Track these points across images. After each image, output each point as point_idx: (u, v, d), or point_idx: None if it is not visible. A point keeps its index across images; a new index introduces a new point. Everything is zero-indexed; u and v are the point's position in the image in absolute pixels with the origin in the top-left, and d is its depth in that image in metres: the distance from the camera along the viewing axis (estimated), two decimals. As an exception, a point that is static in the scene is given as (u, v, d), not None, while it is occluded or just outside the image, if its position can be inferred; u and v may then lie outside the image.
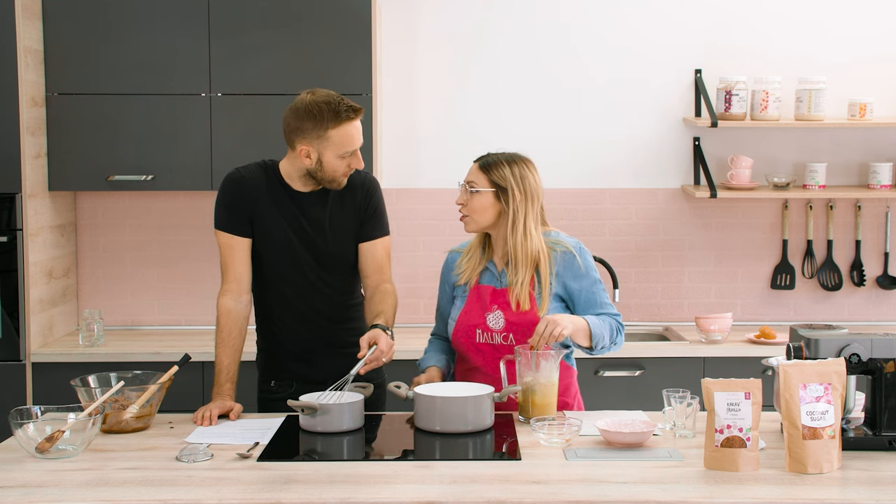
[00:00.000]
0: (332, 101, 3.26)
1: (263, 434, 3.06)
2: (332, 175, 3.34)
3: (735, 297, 5.05)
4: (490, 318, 3.33)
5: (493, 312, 3.33)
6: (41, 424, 2.92)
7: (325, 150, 3.29)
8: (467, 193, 3.34)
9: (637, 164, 5.01)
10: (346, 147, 3.29)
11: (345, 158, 3.31)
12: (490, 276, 3.38)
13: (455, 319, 3.38)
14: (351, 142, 3.29)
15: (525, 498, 2.53)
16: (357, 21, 4.54)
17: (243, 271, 3.42)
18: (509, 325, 3.31)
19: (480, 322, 3.34)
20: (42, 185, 4.55)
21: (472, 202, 3.33)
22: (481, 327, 3.34)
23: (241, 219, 3.40)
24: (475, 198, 3.32)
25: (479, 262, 3.39)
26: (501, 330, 3.32)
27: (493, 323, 3.33)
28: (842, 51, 4.95)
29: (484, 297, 3.36)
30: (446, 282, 3.48)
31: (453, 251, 3.51)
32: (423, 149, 5.00)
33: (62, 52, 4.54)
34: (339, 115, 3.25)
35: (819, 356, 2.86)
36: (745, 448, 2.71)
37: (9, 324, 4.40)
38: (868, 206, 5.00)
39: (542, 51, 4.98)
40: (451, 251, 3.52)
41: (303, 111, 3.27)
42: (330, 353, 3.46)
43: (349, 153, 3.30)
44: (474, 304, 3.37)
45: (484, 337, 3.34)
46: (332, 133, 3.26)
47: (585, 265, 3.35)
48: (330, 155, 3.29)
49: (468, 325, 3.35)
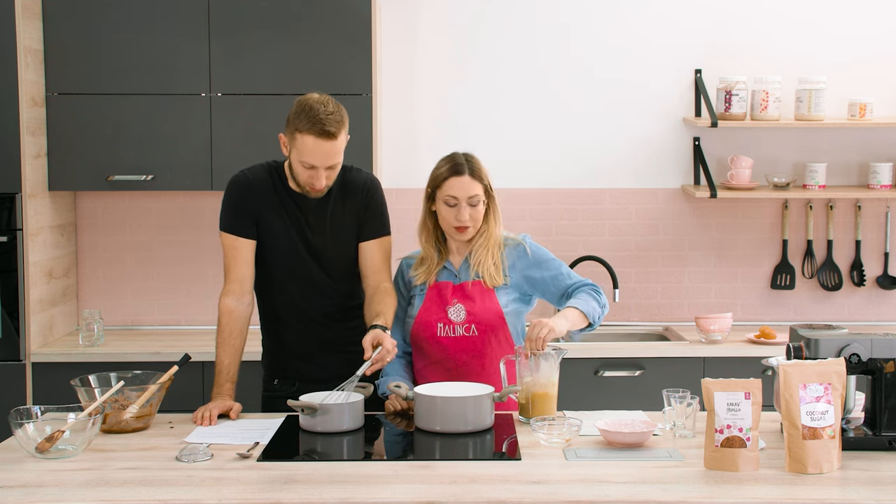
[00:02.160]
0: (317, 110, 3.21)
1: (263, 434, 3.07)
2: (297, 178, 3.33)
3: (735, 297, 5.05)
4: (451, 312, 3.39)
5: (454, 306, 3.39)
6: (41, 424, 2.92)
7: (292, 149, 3.29)
8: (470, 207, 3.35)
9: (637, 164, 5.01)
10: (305, 157, 3.24)
11: (305, 168, 3.27)
12: (448, 274, 3.45)
13: (414, 317, 3.43)
14: (309, 155, 3.23)
15: (525, 498, 2.53)
16: (357, 21, 4.54)
17: (246, 272, 3.42)
18: (471, 316, 3.36)
19: (441, 316, 3.39)
20: (42, 185, 4.55)
21: (476, 213, 3.37)
22: (442, 321, 3.38)
23: (247, 221, 3.40)
24: (478, 208, 3.37)
25: (436, 263, 3.45)
26: (463, 321, 3.37)
27: (454, 316, 3.38)
28: (842, 51, 4.95)
29: (444, 293, 3.42)
30: (403, 287, 3.51)
31: (407, 258, 3.57)
32: (422, 149, 5.00)
33: (62, 52, 4.54)
34: (310, 126, 3.20)
35: (819, 356, 2.86)
36: (745, 448, 2.71)
37: (9, 324, 4.40)
38: (868, 206, 5.00)
39: (541, 51, 4.98)
40: (404, 258, 3.58)
41: (295, 104, 3.28)
42: (332, 353, 3.47)
43: (308, 165, 3.26)
44: (434, 299, 3.42)
45: (445, 330, 3.38)
46: (298, 137, 3.24)
47: (537, 251, 3.45)
48: (294, 156, 3.29)
49: (428, 320, 3.40)
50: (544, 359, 3.18)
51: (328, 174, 3.29)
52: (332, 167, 3.29)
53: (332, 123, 3.21)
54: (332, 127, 3.21)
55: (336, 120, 3.22)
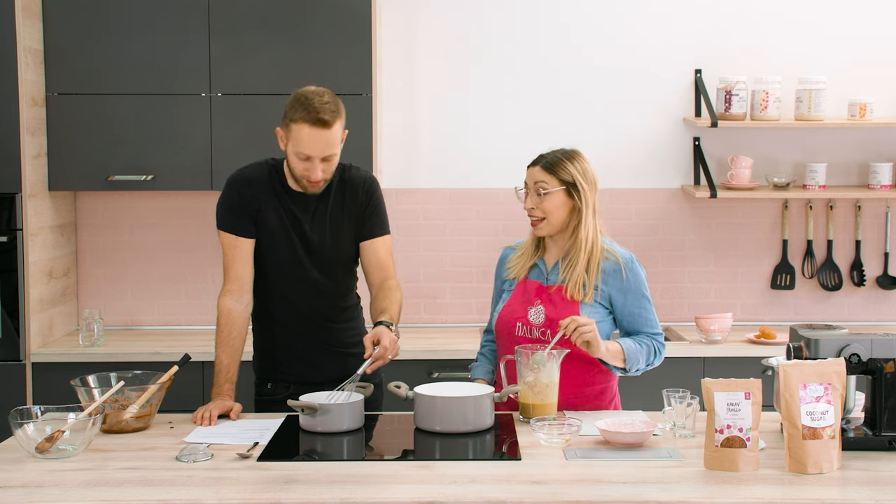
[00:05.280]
0: (312, 99, 3.21)
1: (263, 434, 3.06)
2: (293, 171, 3.32)
3: (735, 297, 5.05)
4: (532, 313, 3.35)
5: (536, 307, 3.35)
6: (41, 424, 2.92)
7: (288, 141, 3.28)
8: (536, 196, 3.33)
9: (637, 164, 5.01)
10: (299, 147, 3.23)
11: (301, 160, 3.26)
12: (538, 273, 3.40)
13: (498, 312, 3.41)
14: (303, 145, 3.23)
15: (525, 498, 2.53)
16: (357, 21, 4.54)
17: (245, 272, 3.41)
18: (548, 322, 3.32)
19: (522, 316, 3.35)
20: (42, 185, 4.55)
21: (545, 204, 3.33)
22: (522, 321, 3.35)
23: (245, 220, 3.40)
24: (547, 199, 3.33)
25: (529, 258, 3.42)
26: (541, 325, 3.33)
27: (533, 317, 3.34)
28: (842, 51, 4.95)
29: (529, 292, 3.38)
30: (498, 277, 3.51)
31: (508, 247, 3.54)
32: (422, 149, 5.00)
33: (62, 52, 4.54)
34: (305, 114, 3.20)
35: (819, 356, 2.86)
36: (745, 448, 2.71)
37: (9, 324, 4.40)
38: (868, 206, 5.00)
39: (541, 51, 4.98)
40: (505, 247, 3.55)
41: (291, 96, 3.28)
42: (328, 354, 3.46)
43: (304, 156, 3.25)
44: (519, 297, 3.39)
45: (523, 331, 3.34)
46: (293, 127, 3.23)
47: (633, 280, 3.35)
48: (290, 148, 3.28)
49: (510, 318, 3.37)
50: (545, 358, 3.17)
51: (324, 167, 3.27)
52: (327, 159, 3.26)
53: (327, 112, 3.20)
54: (327, 115, 3.19)
55: (331, 109, 3.21)
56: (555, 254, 3.40)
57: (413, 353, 4.38)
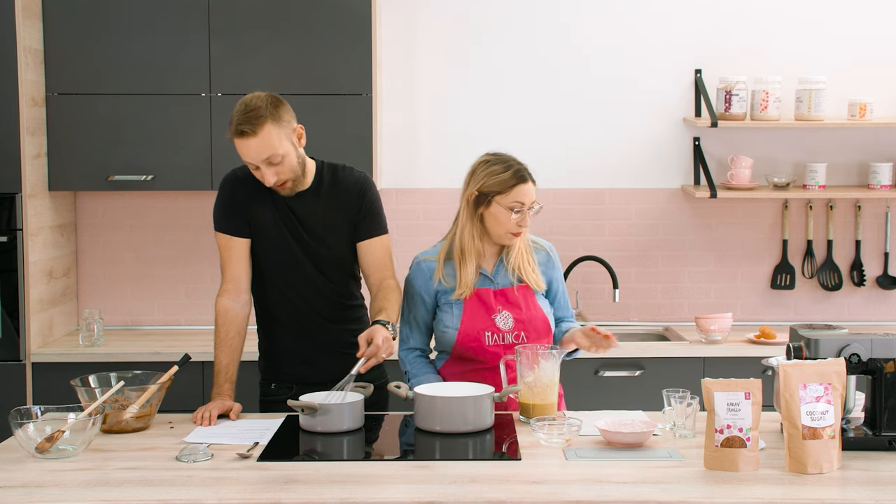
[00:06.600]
0: (236, 113, 3.25)
1: (263, 434, 3.06)
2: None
3: (735, 297, 5.05)
4: (498, 319, 3.35)
5: (500, 313, 3.35)
6: (41, 424, 2.92)
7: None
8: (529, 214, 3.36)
9: (637, 164, 5.01)
10: (242, 156, 3.28)
11: (252, 169, 3.30)
12: (482, 280, 3.40)
13: (457, 328, 3.35)
14: (241, 155, 3.27)
15: (525, 498, 2.53)
16: (357, 21, 4.54)
17: (241, 272, 3.42)
18: (519, 324, 3.34)
19: (488, 325, 3.35)
20: (42, 185, 4.55)
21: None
22: (490, 329, 3.34)
23: (238, 219, 3.40)
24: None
25: (469, 270, 3.36)
26: (512, 329, 3.34)
27: (501, 323, 3.35)
28: (842, 51, 4.95)
29: (486, 300, 3.37)
30: (425, 291, 3.41)
31: (425, 260, 3.45)
32: (422, 149, 5.00)
33: (62, 52, 4.54)
34: (230, 129, 3.25)
35: (819, 356, 2.86)
36: (745, 448, 2.71)
37: (9, 324, 4.40)
38: (868, 206, 5.00)
39: (541, 50, 4.98)
40: (422, 260, 3.45)
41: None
42: (329, 354, 3.46)
43: (250, 165, 3.28)
44: (476, 308, 3.36)
45: (494, 339, 3.34)
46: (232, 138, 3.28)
47: (559, 265, 3.53)
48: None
49: (475, 329, 3.34)
50: (545, 358, 3.17)
51: (276, 170, 3.27)
52: (273, 162, 3.26)
53: (246, 122, 3.21)
54: (246, 126, 3.20)
55: (251, 118, 3.21)
56: (491, 257, 3.42)
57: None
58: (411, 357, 3.46)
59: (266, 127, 3.22)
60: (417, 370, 3.42)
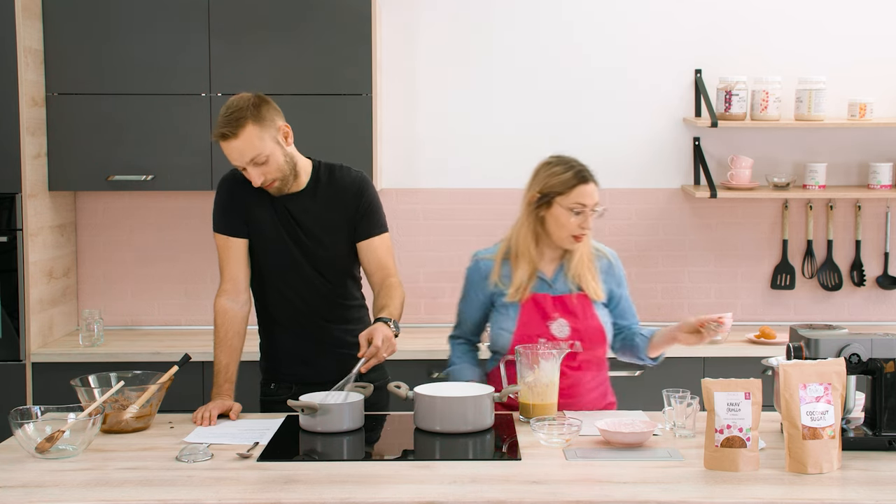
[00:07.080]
0: (220, 116, 3.26)
1: (263, 434, 3.07)
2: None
3: (735, 297, 5.04)
4: (554, 327, 3.33)
5: (556, 321, 3.33)
6: (41, 424, 2.92)
7: None
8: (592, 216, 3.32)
9: (637, 164, 5.01)
10: (228, 158, 3.29)
11: (240, 169, 3.32)
12: (541, 284, 3.37)
13: (512, 332, 3.34)
14: (227, 156, 3.28)
15: (525, 498, 2.53)
16: (357, 21, 4.54)
17: (239, 272, 3.42)
18: (575, 333, 3.32)
19: (543, 331, 3.33)
20: (42, 185, 4.55)
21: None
22: (545, 336, 3.32)
23: (236, 220, 3.40)
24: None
25: (525, 274, 3.34)
26: (567, 338, 3.31)
27: (557, 331, 3.32)
28: (842, 51, 4.95)
29: (543, 306, 3.34)
30: (480, 290, 3.41)
31: (483, 259, 3.43)
32: (423, 149, 5.00)
33: (62, 52, 4.54)
34: (214, 132, 3.26)
35: (819, 356, 2.86)
36: (745, 448, 2.71)
37: (9, 324, 4.40)
38: (868, 206, 5.00)
39: (542, 51, 4.98)
40: (480, 259, 3.44)
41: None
42: (328, 355, 3.46)
43: (236, 164, 3.30)
44: (532, 313, 3.34)
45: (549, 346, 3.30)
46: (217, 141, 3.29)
47: (622, 273, 3.49)
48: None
49: (530, 335, 3.32)
50: (545, 358, 3.17)
51: (262, 170, 3.27)
52: (256, 163, 3.26)
53: (227, 124, 3.22)
54: (227, 128, 3.22)
55: (232, 120, 3.22)
56: (552, 262, 3.38)
57: (413, 353, 4.38)
58: (454, 344, 3.54)
59: (247, 128, 3.23)
60: (457, 357, 3.48)
